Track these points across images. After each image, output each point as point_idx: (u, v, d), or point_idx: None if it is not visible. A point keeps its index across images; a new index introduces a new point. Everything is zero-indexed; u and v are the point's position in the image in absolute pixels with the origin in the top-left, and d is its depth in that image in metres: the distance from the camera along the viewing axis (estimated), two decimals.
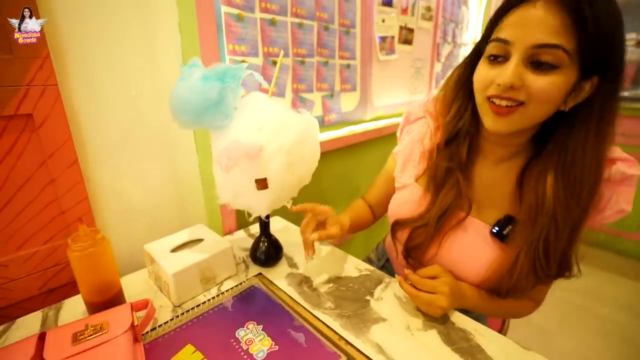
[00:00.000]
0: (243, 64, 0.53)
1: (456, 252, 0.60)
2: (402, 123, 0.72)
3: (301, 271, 0.70)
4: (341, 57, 1.18)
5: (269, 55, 0.93)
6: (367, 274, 0.70)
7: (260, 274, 0.69)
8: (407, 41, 1.51)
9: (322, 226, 0.64)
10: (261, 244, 0.71)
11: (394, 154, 0.73)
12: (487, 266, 0.56)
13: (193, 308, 0.59)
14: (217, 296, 0.62)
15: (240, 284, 0.66)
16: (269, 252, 0.71)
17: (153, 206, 0.80)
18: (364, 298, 0.62)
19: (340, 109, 1.24)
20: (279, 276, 0.69)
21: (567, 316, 1.62)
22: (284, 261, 0.74)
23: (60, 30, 0.59)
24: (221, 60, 0.81)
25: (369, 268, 0.71)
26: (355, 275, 0.69)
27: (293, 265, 0.73)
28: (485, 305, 0.59)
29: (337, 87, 1.20)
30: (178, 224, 0.83)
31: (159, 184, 0.80)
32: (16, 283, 0.62)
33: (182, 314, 0.58)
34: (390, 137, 1.45)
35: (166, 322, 0.56)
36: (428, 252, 0.62)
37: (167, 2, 0.71)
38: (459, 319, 0.57)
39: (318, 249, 0.79)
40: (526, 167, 0.54)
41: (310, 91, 1.10)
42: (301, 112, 0.58)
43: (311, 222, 0.62)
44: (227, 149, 0.48)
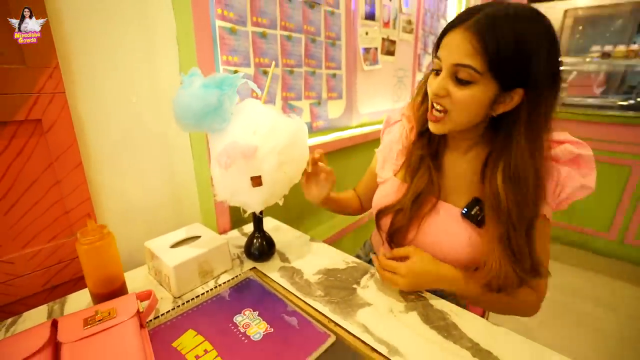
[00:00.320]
0: (239, 73, 0.59)
1: (433, 235, 0.66)
2: (383, 126, 0.81)
3: (293, 265, 0.76)
4: (327, 67, 1.25)
5: (260, 66, 1.00)
6: (354, 265, 0.75)
7: (255, 268, 0.74)
8: (390, 52, 1.60)
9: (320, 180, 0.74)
10: (255, 240, 0.76)
11: (376, 152, 0.81)
12: (463, 246, 0.63)
13: (192, 299, 0.63)
14: (214, 288, 0.67)
15: (236, 276, 0.71)
16: (262, 247, 0.76)
17: (151, 206, 0.84)
18: (351, 286, 0.68)
19: (328, 116, 1.31)
20: (272, 270, 0.74)
21: (547, 312, 1.69)
22: (276, 256, 0.79)
23: (69, 43, 0.64)
24: (216, 70, 0.87)
25: (356, 261, 0.77)
26: (343, 267, 0.75)
27: (285, 260, 0.78)
28: (477, 291, 0.60)
29: (324, 95, 1.27)
30: (175, 224, 0.87)
31: (157, 186, 0.84)
32: (21, 280, 0.65)
33: (182, 304, 0.62)
34: (375, 142, 1.52)
35: (168, 311, 0.60)
36: (408, 236, 0.68)
37: (165, 18, 0.77)
38: (437, 302, 0.63)
39: (309, 244, 0.84)
40: (487, 158, 0.61)
41: (299, 99, 1.17)
42: (292, 116, 0.65)
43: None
44: (226, 148, 0.54)
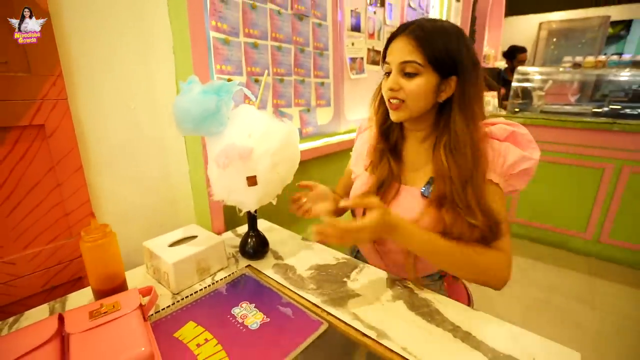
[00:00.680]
0: (235, 81, 0.64)
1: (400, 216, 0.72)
2: (357, 132, 0.93)
3: (286, 262, 0.79)
4: (316, 76, 1.31)
5: (251, 74, 1.04)
6: (344, 261, 0.80)
7: (250, 265, 0.78)
8: (375, 62, 1.68)
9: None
10: (249, 239, 0.80)
11: (351, 153, 0.91)
12: (426, 222, 0.68)
13: (191, 294, 0.66)
14: (211, 284, 0.70)
15: (232, 273, 0.74)
16: (256, 246, 0.79)
17: (147, 209, 0.86)
18: (341, 280, 0.72)
19: (317, 122, 1.36)
20: (266, 267, 0.77)
21: (529, 308, 1.77)
22: (270, 254, 0.82)
23: (72, 52, 0.68)
24: (210, 79, 0.91)
25: (345, 257, 0.81)
26: (334, 263, 0.79)
27: (278, 258, 0.81)
28: (439, 243, 0.62)
29: (313, 102, 1.32)
30: (170, 226, 0.89)
31: (153, 189, 0.87)
32: (22, 280, 0.67)
33: (181, 299, 0.65)
34: None
35: (168, 306, 0.63)
36: None
37: (162, 30, 0.81)
38: (422, 292, 0.68)
39: (301, 243, 0.88)
40: (435, 143, 0.71)
41: (289, 106, 1.22)
42: (284, 121, 0.69)
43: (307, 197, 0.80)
44: (225, 150, 0.58)
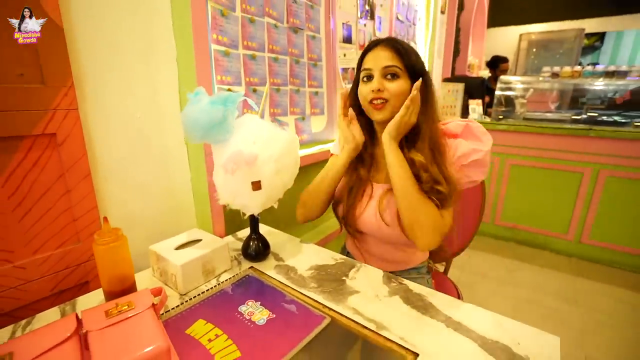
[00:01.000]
0: (240, 92, 0.68)
1: (372, 210, 0.83)
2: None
3: (287, 263, 0.83)
4: (310, 86, 1.37)
5: (250, 84, 1.09)
6: (342, 261, 0.84)
7: (252, 267, 0.81)
8: None
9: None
10: (251, 242, 0.83)
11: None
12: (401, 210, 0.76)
13: (198, 294, 0.69)
14: (217, 285, 0.73)
15: (236, 274, 0.77)
16: (258, 248, 0.83)
17: (150, 215, 0.89)
18: (340, 278, 0.76)
19: (311, 130, 1.41)
20: (268, 268, 0.81)
21: (516, 308, 1.84)
22: (271, 257, 0.86)
23: (82, 64, 0.71)
24: (212, 89, 0.95)
25: (343, 257, 0.86)
26: (332, 263, 0.83)
27: (280, 259, 0.85)
28: (410, 176, 0.74)
29: (307, 111, 1.38)
30: (172, 231, 0.92)
31: (156, 195, 0.90)
32: (31, 284, 0.68)
33: (189, 299, 0.68)
34: None
35: (177, 305, 0.66)
36: (354, 216, 0.85)
37: (167, 43, 0.86)
38: (416, 287, 0.72)
39: (300, 245, 0.92)
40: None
41: (285, 114, 1.26)
42: (285, 129, 0.74)
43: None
44: (232, 156, 0.62)
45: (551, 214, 2.39)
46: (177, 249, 0.76)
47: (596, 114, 2.46)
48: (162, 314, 0.63)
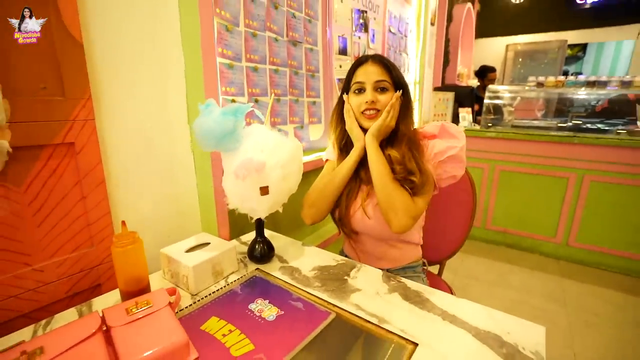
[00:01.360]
0: (249, 103, 0.73)
1: (371, 210, 0.90)
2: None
3: (291, 264, 0.87)
4: (308, 96, 1.43)
5: (252, 95, 1.14)
6: (343, 262, 0.88)
7: (258, 268, 0.85)
8: None
9: None
10: (257, 244, 0.87)
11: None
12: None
13: (209, 294, 0.73)
14: (226, 285, 0.77)
15: (243, 276, 0.81)
16: (264, 250, 0.87)
17: (159, 220, 0.93)
18: (342, 278, 0.81)
19: (309, 138, 1.47)
20: (273, 269, 0.85)
21: (507, 309, 1.86)
22: (275, 259, 0.90)
23: (99, 78, 0.76)
24: (218, 99, 1.00)
25: (344, 259, 0.90)
26: (334, 264, 0.88)
27: (284, 261, 0.89)
28: (388, 170, 0.84)
29: (305, 120, 1.43)
30: (178, 236, 0.95)
31: (164, 201, 0.94)
32: (48, 287, 0.72)
33: (200, 299, 0.72)
34: None
35: (190, 305, 0.70)
36: (348, 216, 0.92)
37: (176, 56, 0.90)
38: (413, 284, 0.77)
39: (302, 248, 0.97)
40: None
41: (285, 123, 1.32)
42: (290, 137, 0.79)
43: None
44: (244, 163, 0.67)
45: (539, 218, 2.47)
46: (187, 251, 0.80)
47: (580, 122, 2.57)
48: (176, 312, 0.67)
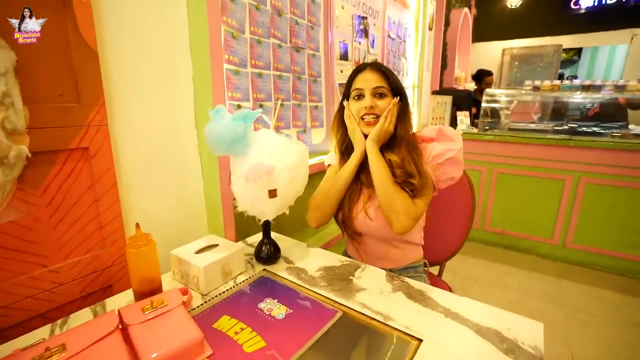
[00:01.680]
0: (258, 109, 0.76)
1: (372, 212, 0.93)
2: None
3: (297, 265, 0.90)
4: (311, 100, 1.46)
5: (257, 100, 1.17)
6: (348, 263, 0.91)
7: (265, 269, 0.88)
8: None
9: None
10: (264, 246, 0.90)
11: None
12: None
13: (219, 294, 0.75)
14: (235, 285, 0.79)
15: (251, 276, 0.84)
16: (270, 251, 0.89)
17: (167, 222, 0.95)
18: (348, 278, 0.83)
19: (312, 142, 1.50)
20: (280, 270, 0.87)
21: (506, 309, 1.93)
22: (281, 260, 0.93)
23: (113, 85, 0.78)
24: (225, 105, 1.03)
25: (348, 259, 0.93)
26: (339, 264, 0.90)
27: (289, 262, 0.92)
28: (389, 174, 0.87)
29: (308, 124, 1.46)
30: (186, 238, 0.98)
31: (172, 204, 0.96)
32: (63, 287, 0.74)
33: (210, 299, 0.74)
34: None
35: (200, 304, 0.72)
36: (351, 218, 0.95)
37: (184, 63, 0.93)
38: (416, 284, 0.80)
39: (307, 249, 0.99)
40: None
41: (288, 127, 1.35)
42: (296, 141, 0.82)
43: None
44: (254, 167, 0.69)
45: (536, 220, 2.51)
46: (197, 253, 0.82)
47: (576, 125, 2.62)
48: (189, 311, 0.69)
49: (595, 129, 2.50)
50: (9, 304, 0.66)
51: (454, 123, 3.02)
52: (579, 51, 5.71)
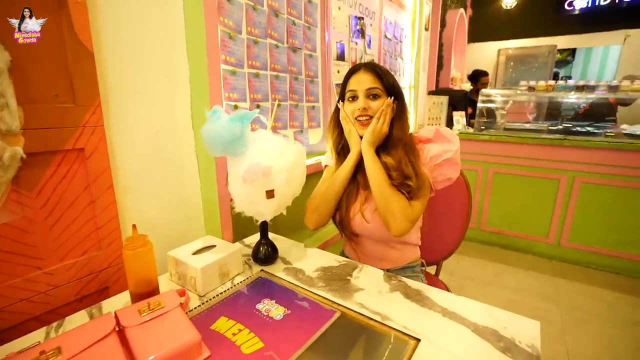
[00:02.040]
0: (255, 110, 0.76)
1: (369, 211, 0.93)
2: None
3: (294, 265, 0.90)
4: (308, 101, 1.46)
5: (254, 100, 1.17)
6: (345, 263, 0.91)
7: (263, 270, 0.87)
8: None
9: None
10: (261, 246, 0.89)
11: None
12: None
13: (216, 295, 0.75)
14: (232, 286, 0.79)
15: (249, 277, 0.83)
16: (268, 252, 0.89)
17: (164, 223, 0.95)
18: (345, 278, 0.83)
19: (309, 142, 1.50)
20: (277, 270, 0.87)
21: (502, 308, 1.94)
22: (279, 260, 0.92)
23: (109, 85, 0.78)
24: (222, 105, 1.02)
25: (345, 260, 0.93)
26: (337, 265, 0.90)
27: (287, 263, 0.91)
28: (385, 176, 0.87)
29: (305, 124, 1.46)
30: (182, 239, 0.97)
31: (169, 205, 0.95)
32: (58, 290, 0.73)
33: (207, 300, 0.74)
34: None
35: (198, 305, 0.72)
36: (348, 219, 0.95)
37: (181, 64, 0.93)
38: (414, 284, 0.80)
39: (304, 250, 0.99)
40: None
41: (285, 128, 1.34)
42: (294, 142, 0.82)
43: None
44: (251, 168, 0.69)
45: (532, 219, 2.52)
46: (194, 254, 0.82)
47: (571, 125, 2.64)
48: (186, 313, 0.69)
49: (589, 128, 2.53)
50: (3, 307, 0.65)
51: (450, 123, 3.03)
52: (573, 52, 5.76)
